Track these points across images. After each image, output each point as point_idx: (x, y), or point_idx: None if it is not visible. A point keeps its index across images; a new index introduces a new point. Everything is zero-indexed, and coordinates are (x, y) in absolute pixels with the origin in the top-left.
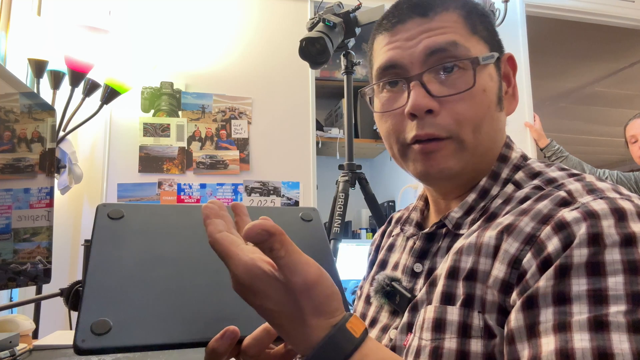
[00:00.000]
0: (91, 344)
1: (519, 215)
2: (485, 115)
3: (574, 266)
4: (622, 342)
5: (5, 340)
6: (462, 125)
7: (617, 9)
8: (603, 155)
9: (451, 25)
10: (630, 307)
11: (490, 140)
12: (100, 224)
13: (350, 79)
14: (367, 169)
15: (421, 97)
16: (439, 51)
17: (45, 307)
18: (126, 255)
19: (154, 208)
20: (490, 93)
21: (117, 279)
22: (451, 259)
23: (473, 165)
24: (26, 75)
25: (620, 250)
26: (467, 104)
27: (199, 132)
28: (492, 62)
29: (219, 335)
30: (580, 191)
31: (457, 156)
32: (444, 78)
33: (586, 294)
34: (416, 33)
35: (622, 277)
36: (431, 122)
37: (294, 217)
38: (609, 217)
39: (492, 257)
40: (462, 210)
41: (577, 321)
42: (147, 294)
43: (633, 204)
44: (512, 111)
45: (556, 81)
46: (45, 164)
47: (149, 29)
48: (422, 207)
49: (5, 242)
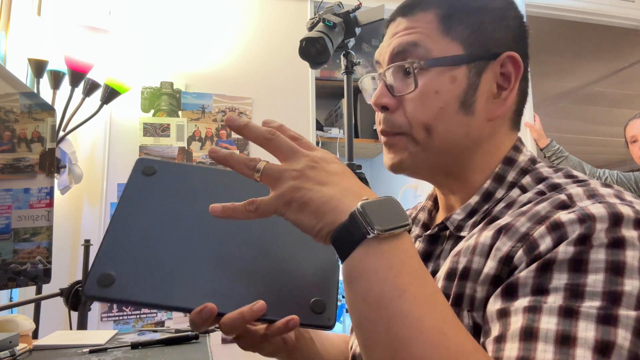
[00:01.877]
0: (94, 292)
1: (517, 217)
2: (437, 117)
3: (558, 261)
4: (588, 330)
5: (5, 340)
6: (413, 125)
7: (617, 9)
8: (603, 155)
9: (422, 26)
10: (604, 304)
11: (447, 142)
12: (132, 179)
13: (350, 79)
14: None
15: (379, 94)
16: (401, 52)
17: (45, 307)
18: (148, 214)
19: (187, 168)
20: (445, 95)
21: (133, 236)
22: (450, 261)
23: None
24: (26, 75)
25: (607, 251)
26: (417, 105)
27: (199, 132)
28: (456, 64)
29: (198, 309)
30: (580, 195)
31: (408, 151)
32: (404, 77)
33: (564, 287)
34: (393, 32)
35: (603, 276)
36: (387, 119)
37: None
38: (604, 221)
39: (485, 256)
40: (464, 212)
41: (549, 307)
42: (155, 254)
43: (634, 210)
44: (496, 117)
45: (556, 81)
46: (45, 164)
47: (149, 29)
48: (430, 208)
49: (5, 242)
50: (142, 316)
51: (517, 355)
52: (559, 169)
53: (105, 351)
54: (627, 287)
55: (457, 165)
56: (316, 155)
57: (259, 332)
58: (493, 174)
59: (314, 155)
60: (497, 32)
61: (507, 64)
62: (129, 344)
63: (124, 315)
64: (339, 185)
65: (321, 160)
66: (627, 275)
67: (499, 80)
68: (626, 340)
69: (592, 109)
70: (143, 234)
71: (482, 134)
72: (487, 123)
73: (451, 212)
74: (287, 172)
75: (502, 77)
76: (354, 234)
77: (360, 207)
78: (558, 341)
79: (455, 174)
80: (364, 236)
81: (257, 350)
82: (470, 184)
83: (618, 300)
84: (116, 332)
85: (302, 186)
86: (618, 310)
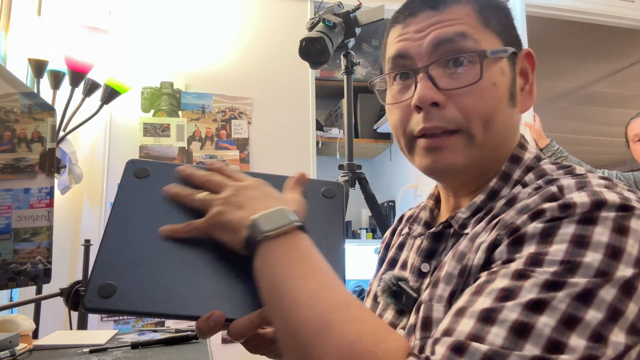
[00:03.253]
0: (96, 304)
1: (510, 211)
2: (495, 110)
3: (528, 235)
4: (530, 292)
5: (5, 340)
6: (471, 119)
7: (617, 9)
8: (603, 155)
9: (462, 18)
10: (558, 271)
11: (501, 137)
12: (124, 183)
13: (350, 79)
14: (367, 169)
15: (427, 89)
16: (446, 42)
17: (45, 307)
18: (144, 219)
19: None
20: (501, 87)
21: (131, 242)
22: (449, 264)
23: (481, 162)
24: (26, 75)
25: (577, 226)
26: (475, 97)
27: (199, 132)
28: (504, 56)
29: (205, 316)
30: (571, 187)
31: (465, 152)
32: (453, 71)
33: (527, 255)
34: (425, 25)
35: (566, 246)
36: (438, 115)
37: (315, 192)
38: (585, 207)
39: (476, 251)
40: (469, 211)
41: (506, 271)
42: (154, 260)
43: (620, 196)
44: (528, 108)
45: (556, 81)
46: (45, 164)
47: (149, 29)
48: (432, 207)
49: (5, 242)
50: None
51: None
52: (563, 165)
53: (105, 351)
54: (587, 259)
55: (495, 162)
56: (240, 184)
57: (267, 335)
58: (500, 172)
59: (238, 185)
60: (513, 29)
61: (524, 59)
62: (129, 344)
63: (124, 316)
64: (252, 207)
65: (243, 189)
66: (591, 249)
67: (521, 74)
68: (562, 302)
69: (592, 109)
70: (141, 240)
71: (518, 128)
72: (519, 116)
73: (457, 209)
74: (215, 200)
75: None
76: (252, 242)
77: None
78: (498, 297)
79: (486, 173)
80: (256, 240)
81: (264, 354)
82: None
83: (574, 269)
84: (116, 332)
85: (224, 210)
86: (569, 278)
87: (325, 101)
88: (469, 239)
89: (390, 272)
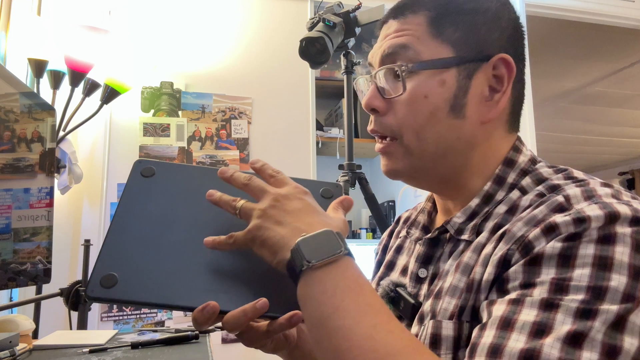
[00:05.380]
0: (98, 294)
1: (516, 222)
2: (426, 121)
3: (546, 256)
4: (565, 323)
5: (5, 340)
6: (403, 130)
7: (617, 9)
8: (603, 155)
9: (412, 28)
10: (587, 298)
11: (441, 147)
12: (131, 181)
13: (350, 79)
14: (367, 169)
15: (370, 96)
16: (391, 54)
17: (45, 307)
18: (148, 215)
19: (186, 169)
20: (434, 99)
21: (134, 237)
22: (452, 276)
23: (428, 170)
24: (26, 75)
25: (596, 246)
26: (406, 109)
27: (199, 132)
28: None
29: (200, 307)
30: (578, 197)
31: (404, 159)
32: (394, 80)
33: (550, 281)
34: (385, 35)
35: (589, 270)
36: (377, 121)
37: (314, 193)
38: (600, 220)
39: (485, 265)
40: (464, 215)
41: (531, 300)
42: (156, 254)
43: (631, 208)
44: (489, 119)
45: (556, 81)
46: (45, 163)
47: (149, 29)
48: (430, 209)
49: (5, 242)
50: (142, 316)
51: (491, 342)
52: (559, 169)
53: (105, 351)
54: (613, 283)
55: (453, 170)
56: (280, 192)
57: (262, 328)
58: (493, 176)
59: (278, 193)
60: (490, 34)
61: (500, 66)
62: (129, 344)
63: (124, 315)
64: (291, 224)
65: (283, 199)
66: (614, 271)
67: (492, 82)
68: (599, 332)
69: (592, 109)
70: (144, 235)
71: (476, 137)
72: (480, 126)
73: (450, 216)
74: (254, 210)
75: (494, 79)
76: (295, 268)
77: (296, 245)
78: (532, 332)
79: (453, 179)
80: (301, 269)
81: (259, 347)
82: (469, 188)
83: (602, 295)
84: (116, 332)
85: (263, 225)
86: (600, 305)
87: (325, 101)
88: (472, 249)
89: (389, 278)
